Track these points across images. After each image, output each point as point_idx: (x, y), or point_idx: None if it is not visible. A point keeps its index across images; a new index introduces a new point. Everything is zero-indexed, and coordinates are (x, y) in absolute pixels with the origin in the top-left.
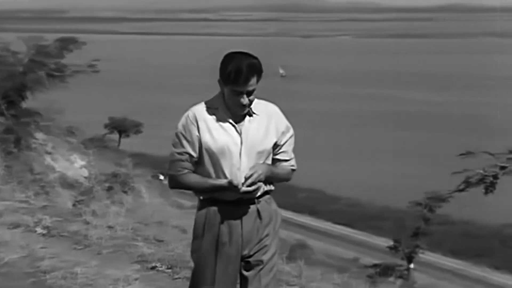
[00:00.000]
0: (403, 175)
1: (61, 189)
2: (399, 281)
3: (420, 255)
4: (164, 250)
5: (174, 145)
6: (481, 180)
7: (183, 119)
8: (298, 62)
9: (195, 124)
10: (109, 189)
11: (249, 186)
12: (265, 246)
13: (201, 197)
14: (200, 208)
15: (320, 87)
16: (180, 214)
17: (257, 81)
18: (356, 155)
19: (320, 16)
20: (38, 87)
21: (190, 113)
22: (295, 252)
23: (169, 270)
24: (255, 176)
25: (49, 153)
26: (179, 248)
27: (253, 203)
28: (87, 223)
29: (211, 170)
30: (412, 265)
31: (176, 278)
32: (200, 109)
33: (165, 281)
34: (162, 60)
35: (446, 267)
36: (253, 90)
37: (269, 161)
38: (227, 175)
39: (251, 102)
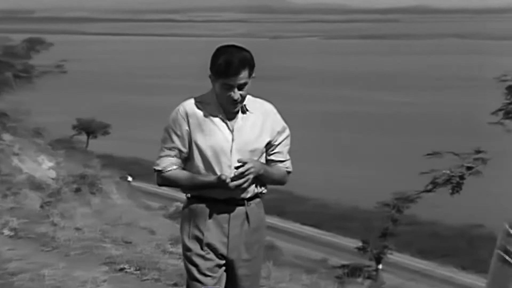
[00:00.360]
0: (372, 176)
1: (28, 191)
2: (367, 282)
3: (388, 255)
4: (132, 252)
5: (163, 140)
6: (448, 181)
7: (173, 114)
8: (266, 63)
9: (186, 119)
10: (77, 190)
11: (239, 178)
12: (254, 258)
13: (188, 195)
14: (186, 205)
15: (289, 88)
16: (149, 216)
17: (249, 75)
18: (325, 156)
19: (288, 17)
20: (5, 88)
21: (181, 107)
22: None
23: (138, 272)
24: (246, 166)
25: (17, 154)
26: (148, 249)
27: (243, 204)
28: (55, 224)
29: (200, 167)
30: (380, 266)
31: (145, 280)
32: (191, 104)
33: (133, 283)
34: (130, 61)
35: (414, 268)
36: (245, 84)
37: (261, 160)
38: (217, 171)
39: (243, 97)
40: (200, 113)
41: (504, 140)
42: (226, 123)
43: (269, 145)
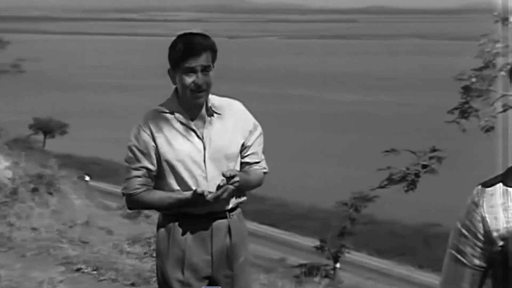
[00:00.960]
0: (331, 175)
1: None
2: (325, 281)
3: (346, 254)
4: (89, 252)
5: (128, 161)
6: (403, 178)
7: (135, 130)
8: (225, 63)
9: (150, 134)
10: (34, 190)
11: (217, 189)
12: (239, 273)
13: (165, 212)
14: (162, 222)
15: (248, 87)
16: (106, 216)
17: (212, 59)
18: (284, 155)
19: (246, 17)
20: None
21: (142, 122)
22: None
23: (95, 272)
24: (235, 179)
25: None
26: (105, 249)
27: (224, 217)
28: (11, 225)
29: (173, 183)
30: (338, 265)
31: (102, 280)
32: (153, 116)
33: (90, 283)
34: (89, 60)
35: (371, 267)
36: (208, 68)
37: (238, 165)
38: (192, 186)
39: (208, 85)
40: (164, 124)
41: (460, 139)
42: (195, 131)
43: (242, 147)
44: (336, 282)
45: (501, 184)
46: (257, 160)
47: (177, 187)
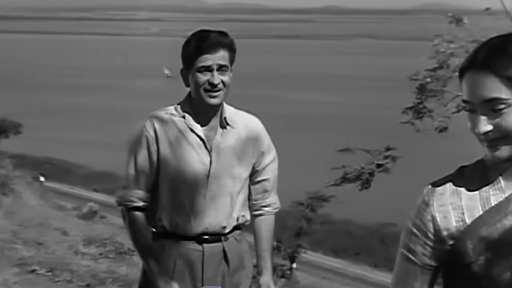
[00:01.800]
0: (286, 175)
1: None
2: (281, 281)
3: (302, 254)
4: (44, 253)
5: (128, 166)
6: (358, 177)
7: (138, 130)
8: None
9: (154, 137)
10: None
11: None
12: None
13: (154, 229)
14: (152, 238)
15: None
16: (61, 216)
17: (230, 59)
18: None
19: (203, 17)
20: None
21: (148, 122)
22: None
23: (49, 273)
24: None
25: None
26: (60, 251)
27: (219, 240)
28: None
29: (165, 196)
30: (294, 265)
31: (57, 281)
32: (161, 117)
33: (45, 285)
34: (44, 59)
35: (327, 266)
36: (225, 67)
37: (246, 189)
38: (187, 204)
39: (225, 85)
40: (171, 128)
41: (414, 139)
42: (204, 141)
43: (253, 169)
44: (293, 282)
45: (451, 183)
46: (268, 189)
47: (168, 202)
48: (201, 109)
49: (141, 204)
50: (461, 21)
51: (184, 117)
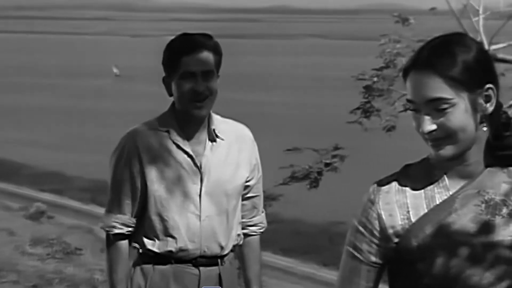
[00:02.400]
0: None
1: None
2: None
3: None
4: None
5: (111, 188)
6: (306, 176)
7: (118, 147)
8: (128, 62)
9: (137, 156)
10: None
11: None
12: None
13: (140, 250)
14: (138, 264)
15: (151, 87)
16: (8, 217)
17: (215, 63)
18: None
19: (149, 16)
20: None
21: (129, 139)
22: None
23: None
24: None
25: None
26: (6, 251)
27: (215, 263)
28: None
29: (156, 221)
30: None
31: (3, 282)
32: (142, 133)
33: None
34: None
35: (276, 265)
36: (211, 73)
37: (239, 204)
38: (180, 226)
39: (210, 92)
40: (155, 144)
41: (362, 138)
42: (192, 157)
43: (245, 183)
44: (241, 281)
45: (396, 182)
46: (258, 207)
47: (159, 226)
48: (187, 121)
49: (125, 230)
50: (407, 21)
51: (168, 131)
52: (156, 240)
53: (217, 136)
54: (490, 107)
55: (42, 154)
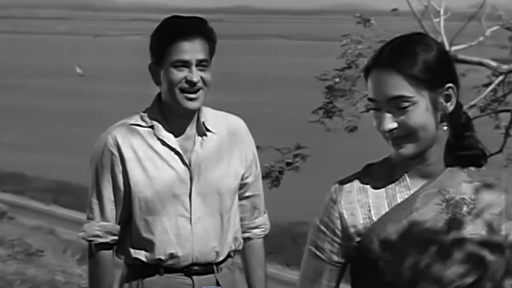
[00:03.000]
0: None
1: None
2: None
3: None
4: None
5: (91, 191)
6: (268, 175)
7: (97, 148)
8: (90, 62)
9: (117, 154)
10: None
11: None
12: None
13: (128, 262)
14: (127, 275)
15: (113, 87)
16: None
17: (210, 51)
18: None
19: (111, 16)
20: None
21: (108, 138)
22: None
23: None
24: None
25: None
26: None
27: (211, 271)
28: None
29: (142, 226)
30: None
31: None
32: (123, 130)
33: None
34: None
35: (239, 265)
36: (206, 62)
37: (236, 204)
38: (169, 230)
39: (205, 83)
40: (139, 142)
41: (324, 138)
42: (180, 155)
43: (241, 180)
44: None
45: (358, 181)
46: (258, 207)
47: (146, 234)
48: (175, 114)
49: (109, 239)
50: (368, 21)
51: (152, 127)
52: (143, 247)
53: (207, 129)
54: (450, 106)
55: (3, 154)
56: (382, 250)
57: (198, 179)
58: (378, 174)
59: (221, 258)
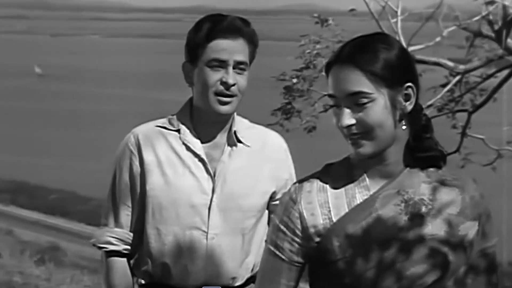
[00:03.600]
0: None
1: None
2: None
3: None
4: None
5: (109, 194)
6: None
7: (119, 148)
8: (48, 61)
9: (137, 154)
10: None
11: None
12: None
13: (142, 281)
14: None
15: (70, 86)
16: None
17: (250, 55)
18: (105, 155)
19: (69, 15)
20: None
21: (131, 138)
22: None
23: None
24: None
25: None
26: None
27: None
28: None
29: (152, 235)
30: None
31: None
32: (147, 132)
33: None
34: None
35: None
36: (244, 65)
37: (263, 226)
38: (182, 244)
39: (240, 88)
40: (161, 145)
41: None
42: (204, 163)
43: (271, 199)
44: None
45: (318, 181)
46: None
47: (157, 243)
48: (206, 120)
49: (122, 247)
50: (326, 21)
51: (178, 130)
52: (153, 261)
53: (239, 141)
54: (409, 106)
55: None
56: (341, 251)
57: (221, 191)
58: (338, 174)
59: (238, 283)
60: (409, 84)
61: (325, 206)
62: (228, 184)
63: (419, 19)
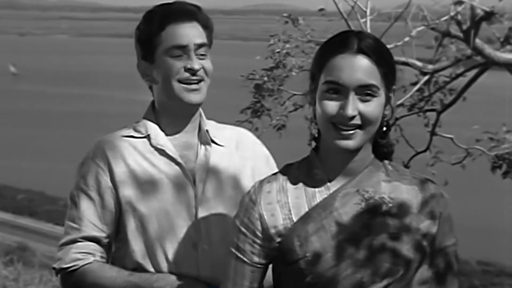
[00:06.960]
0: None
1: None
2: None
3: None
4: None
5: (69, 213)
6: None
7: (83, 162)
8: (16, 61)
9: (105, 166)
10: None
11: None
12: None
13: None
14: None
15: (38, 86)
16: None
17: (207, 38)
18: (74, 155)
19: (37, 14)
20: None
21: (95, 150)
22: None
23: None
24: None
25: None
26: None
27: None
28: None
29: (137, 251)
30: None
31: None
32: (113, 142)
33: None
34: None
35: None
36: (205, 47)
37: None
38: (169, 255)
39: (206, 72)
40: (131, 154)
41: None
42: (180, 165)
43: None
44: None
45: (278, 181)
46: None
47: (142, 259)
48: (174, 118)
49: (91, 259)
50: (296, 21)
51: (147, 136)
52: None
53: (212, 141)
54: (389, 109)
55: None
56: (302, 250)
57: (204, 193)
58: (298, 174)
59: None
60: (394, 87)
61: (285, 206)
62: (210, 184)
63: (388, 19)
